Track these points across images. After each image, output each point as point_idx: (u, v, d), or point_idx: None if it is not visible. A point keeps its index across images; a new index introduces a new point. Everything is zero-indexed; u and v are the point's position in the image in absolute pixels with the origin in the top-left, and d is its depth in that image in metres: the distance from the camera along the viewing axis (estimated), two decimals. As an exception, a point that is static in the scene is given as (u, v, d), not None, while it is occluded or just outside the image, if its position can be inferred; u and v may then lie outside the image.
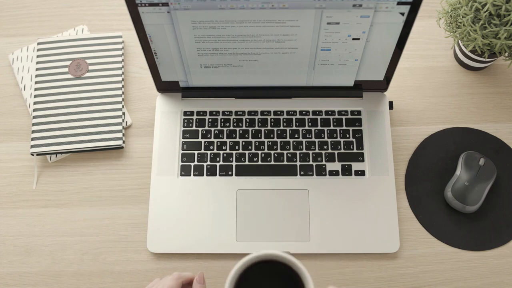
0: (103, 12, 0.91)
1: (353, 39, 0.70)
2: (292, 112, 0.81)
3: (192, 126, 0.80)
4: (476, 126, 0.82)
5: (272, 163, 0.78)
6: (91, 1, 0.91)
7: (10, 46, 0.89)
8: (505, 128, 0.81)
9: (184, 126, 0.80)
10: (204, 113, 0.81)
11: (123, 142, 0.80)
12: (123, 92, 0.83)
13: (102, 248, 0.75)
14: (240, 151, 0.79)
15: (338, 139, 0.79)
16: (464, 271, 0.73)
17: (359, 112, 0.81)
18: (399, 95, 0.84)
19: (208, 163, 0.78)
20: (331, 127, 0.80)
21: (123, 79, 0.84)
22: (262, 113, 0.81)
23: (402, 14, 0.65)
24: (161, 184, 0.77)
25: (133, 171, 0.79)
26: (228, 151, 0.79)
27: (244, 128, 0.80)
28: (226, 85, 0.80)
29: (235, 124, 0.80)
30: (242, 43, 0.70)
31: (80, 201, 0.78)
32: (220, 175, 0.77)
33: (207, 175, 0.77)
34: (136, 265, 0.74)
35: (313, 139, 0.79)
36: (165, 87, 0.81)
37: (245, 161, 0.78)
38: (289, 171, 0.77)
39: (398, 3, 0.64)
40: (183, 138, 0.80)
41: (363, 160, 0.78)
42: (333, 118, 0.80)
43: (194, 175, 0.77)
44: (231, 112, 0.81)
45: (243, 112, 0.81)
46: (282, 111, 0.81)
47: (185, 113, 0.81)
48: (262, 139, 0.79)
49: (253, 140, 0.79)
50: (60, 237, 0.76)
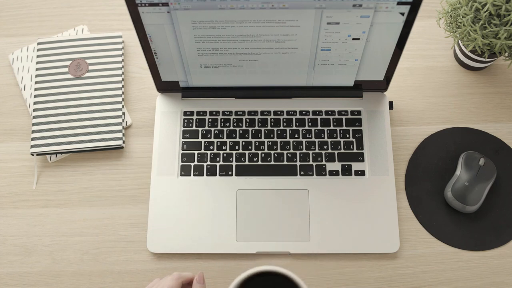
0: (103, 12, 0.91)
1: (353, 39, 0.70)
2: (292, 112, 0.81)
3: (192, 126, 0.80)
4: (476, 126, 0.82)
5: (272, 163, 0.78)
6: (91, 1, 0.91)
7: (10, 46, 0.89)
8: (505, 128, 0.81)
9: (184, 126, 0.80)
10: (204, 113, 0.81)
11: (123, 142, 0.80)
12: (123, 92, 0.83)
13: (102, 248, 0.75)
14: (240, 151, 0.79)
15: (338, 139, 0.79)
16: (464, 271, 0.73)
17: (359, 112, 0.81)
18: (399, 95, 0.84)
19: (208, 163, 0.78)
20: (331, 127, 0.80)
21: (123, 79, 0.84)
22: (262, 113, 0.81)
23: (402, 14, 0.65)
24: (161, 184, 0.77)
25: (133, 171, 0.79)
26: (228, 151, 0.79)
27: (244, 128, 0.80)
28: (226, 85, 0.80)
29: (235, 124, 0.80)
30: (242, 43, 0.70)
31: (80, 201, 0.78)
32: (220, 175, 0.77)
33: (207, 175, 0.77)
34: (136, 265, 0.74)
35: (313, 139, 0.79)
36: (165, 87, 0.81)
37: (245, 161, 0.78)
38: (289, 171, 0.77)
39: (398, 3, 0.64)
40: (183, 138, 0.80)
41: (363, 160, 0.78)
42: (333, 118, 0.80)
43: (194, 175, 0.77)
44: (231, 112, 0.81)
45: (243, 112, 0.81)
46: (282, 111, 0.81)
47: (185, 113, 0.81)
48: (262, 139, 0.79)
49: (253, 140, 0.79)
50: (60, 237, 0.76)
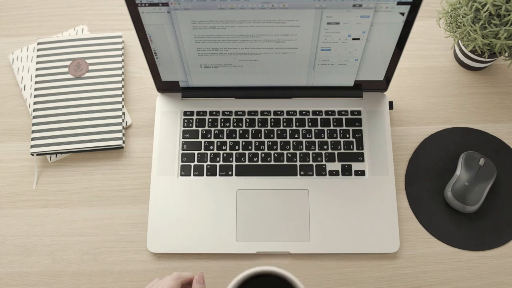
0: (103, 12, 0.91)
1: (353, 39, 0.70)
2: (292, 112, 0.81)
3: (192, 126, 0.80)
4: (476, 126, 0.82)
5: (272, 163, 0.78)
6: (91, 1, 0.91)
7: (10, 46, 0.89)
8: (505, 128, 0.81)
9: (184, 126, 0.80)
10: (204, 113, 0.81)
11: (123, 142, 0.80)
12: (123, 92, 0.83)
13: (102, 248, 0.75)
14: (240, 151, 0.79)
15: (338, 139, 0.79)
16: (464, 271, 0.73)
17: (359, 112, 0.81)
18: (399, 95, 0.84)
19: (208, 163, 0.78)
20: (331, 127, 0.80)
21: (123, 79, 0.84)
22: (262, 113, 0.81)
23: (402, 14, 0.65)
24: (161, 184, 0.77)
25: (133, 171, 0.80)
26: (228, 151, 0.79)
27: (244, 128, 0.80)
28: (226, 85, 0.80)
29: (235, 124, 0.80)
30: (242, 43, 0.70)
31: (80, 201, 0.78)
32: (220, 175, 0.77)
33: (207, 175, 0.77)
34: (136, 265, 0.74)
35: (313, 139, 0.79)
36: (165, 87, 0.81)
37: (245, 161, 0.78)
38: (289, 171, 0.77)
39: (398, 3, 0.64)
40: (183, 138, 0.80)
41: (363, 160, 0.78)
42: (333, 118, 0.80)
43: (194, 175, 0.77)
44: (231, 112, 0.81)
45: (243, 112, 0.81)
46: (282, 111, 0.81)
47: (185, 113, 0.81)
48: (262, 139, 0.79)
49: (253, 140, 0.79)
50: (60, 237, 0.76)
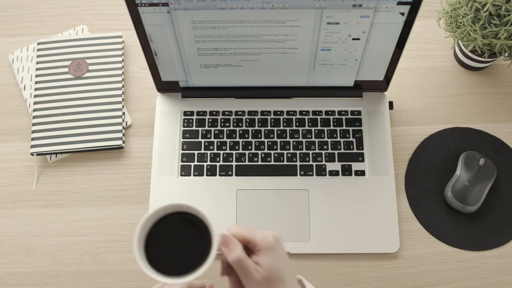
0: (103, 12, 0.91)
1: (353, 39, 0.70)
2: (292, 112, 0.81)
3: (192, 126, 0.80)
4: (476, 126, 0.82)
5: (272, 163, 0.78)
6: (91, 1, 0.91)
7: (10, 46, 0.89)
8: (505, 128, 0.81)
9: (184, 126, 0.80)
10: (204, 113, 0.81)
11: (123, 142, 0.80)
12: (123, 92, 0.83)
13: (102, 248, 0.75)
14: (240, 151, 0.79)
15: (338, 139, 0.79)
16: (464, 271, 0.73)
17: (359, 112, 0.81)
18: (399, 95, 0.84)
19: (208, 163, 0.78)
20: (331, 127, 0.80)
21: (123, 79, 0.84)
22: (262, 113, 0.81)
23: (402, 14, 0.65)
24: (161, 184, 0.77)
25: (133, 171, 0.79)
26: (228, 151, 0.79)
27: (244, 128, 0.80)
28: (226, 85, 0.80)
29: (235, 124, 0.80)
30: (242, 43, 0.70)
31: (80, 201, 0.78)
32: (220, 175, 0.77)
33: (207, 175, 0.77)
34: (136, 265, 0.74)
35: (313, 139, 0.79)
36: (165, 87, 0.81)
37: (245, 161, 0.78)
38: (289, 171, 0.77)
39: (398, 3, 0.64)
40: (183, 138, 0.80)
41: (363, 160, 0.78)
42: (333, 118, 0.80)
43: (194, 175, 0.77)
44: (231, 112, 0.81)
45: (243, 112, 0.81)
46: (282, 111, 0.81)
47: (185, 113, 0.81)
48: (262, 139, 0.79)
49: (253, 140, 0.79)
50: (60, 237, 0.76)
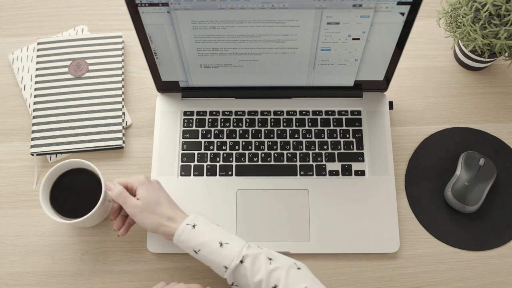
0: (103, 12, 0.91)
1: (353, 39, 0.70)
2: (292, 112, 0.81)
3: (192, 126, 0.80)
4: (476, 126, 0.82)
5: (272, 163, 0.78)
6: (91, 1, 0.91)
7: (10, 46, 0.89)
8: (505, 128, 0.81)
9: (184, 126, 0.80)
10: (204, 113, 0.81)
11: (123, 142, 0.80)
12: (123, 92, 0.83)
13: (102, 248, 0.75)
14: (240, 151, 0.79)
15: (338, 139, 0.79)
16: (464, 271, 0.73)
17: (359, 112, 0.81)
18: (399, 95, 0.84)
19: (208, 163, 0.78)
20: (331, 127, 0.80)
21: (123, 79, 0.84)
22: (262, 113, 0.81)
23: (402, 14, 0.65)
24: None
25: (133, 171, 0.79)
26: (228, 151, 0.79)
27: (244, 128, 0.80)
28: (226, 85, 0.80)
29: (235, 124, 0.80)
30: (242, 43, 0.70)
31: (80, 201, 0.78)
32: (220, 175, 0.77)
33: (207, 175, 0.77)
34: (136, 265, 0.74)
35: (313, 139, 0.79)
36: (165, 87, 0.81)
37: (245, 161, 0.78)
38: (289, 171, 0.77)
39: (398, 3, 0.64)
40: (183, 138, 0.80)
41: (363, 160, 0.78)
42: (333, 118, 0.80)
43: (194, 175, 0.77)
44: (231, 112, 0.81)
45: (243, 112, 0.81)
46: (282, 111, 0.81)
47: (185, 113, 0.81)
48: (262, 139, 0.79)
49: (253, 140, 0.79)
50: (60, 237, 0.76)
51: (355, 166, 0.77)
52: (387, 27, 0.68)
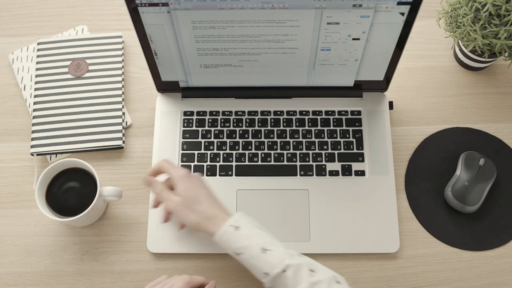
0: (103, 12, 0.91)
1: (353, 39, 0.70)
2: (292, 112, 0.81)
3: (192, 126, 0.80)
4: (476, 126, 0.82)
5: (272, 163, 0.78)
6: (91, 1, 0.91)
7: (10, 46, 0.89)
8: (505, 128, 0.81)
9: (184, 126, 0.80)
10: (204, 113, 0.81)
11: (123, 142, 0.80)
12: (123, 92, 0.83)
13: (102, 248, 0.75)
14: (240, 151, 0.79)
15: (338, 139, 0.79)
16: (464, 271, 0.73)
17: (359, 112, 0.81)
18: (399, 95, 0.84)
19: (208, 163, 0.78)
20: (331, 127, 0.80)
21: (123, 79, 0.84)
22: (262, 113, 0.81)
23: (402, 14, 0.65)
24: (161, 184, 0.77)
25: (133, 171, 0.79)
26: (228, 151, 0.79)
27: (244, 128, 0.80)
28: (226, 85, 0.80)
29: (235, 124, 0.80)
30: (242, 43, 0.70)
31: (80, 201, 0.78)
32: (220, 175, 0.77)
33: (207, 175, 0.77)
34: (136, 265, 0.74)
35: (313, 139, 0.79)
36: (165, 87, 0.81)
37: (245, 161, 0.78)
38: (289, 171, 0.77)
39: (398, 3, 0.64)
40: (183, 138, 0.80)
41: (363, 160, 0.78)
42: (333, 118, 0.80)
43: (194, 175, 0.77)
44: (231, 112, 0.81)
45: (243, 112, 0.81)
46: (282, 111, 0.81)
47: (185, 113, 0.81)
48: (262, 139, 0.79)
49: (253, 140, 0.79)
50: (60, 237, 0.76)
51: (355, 166, 0.78)
52: (387, 27, 0.68)
